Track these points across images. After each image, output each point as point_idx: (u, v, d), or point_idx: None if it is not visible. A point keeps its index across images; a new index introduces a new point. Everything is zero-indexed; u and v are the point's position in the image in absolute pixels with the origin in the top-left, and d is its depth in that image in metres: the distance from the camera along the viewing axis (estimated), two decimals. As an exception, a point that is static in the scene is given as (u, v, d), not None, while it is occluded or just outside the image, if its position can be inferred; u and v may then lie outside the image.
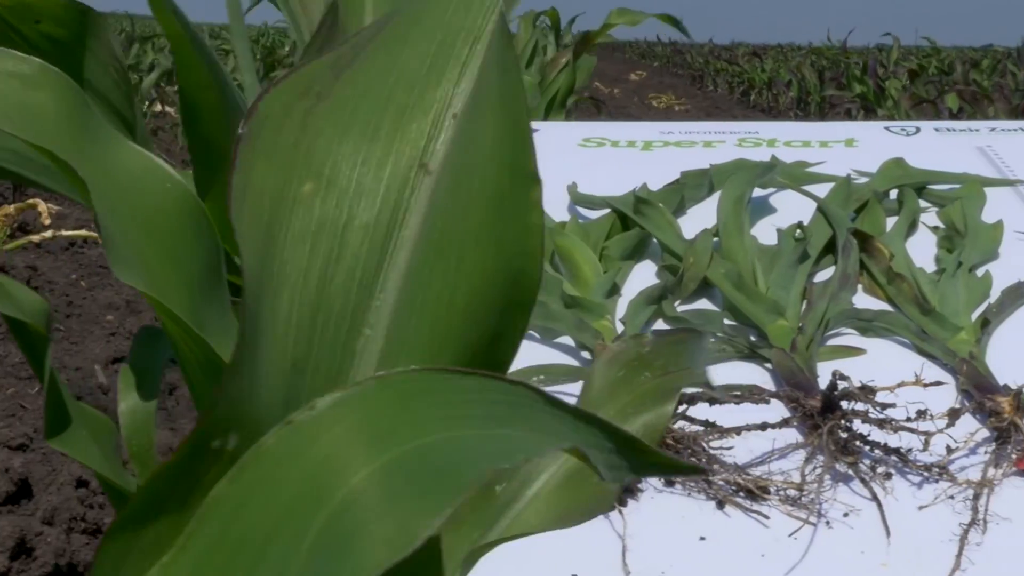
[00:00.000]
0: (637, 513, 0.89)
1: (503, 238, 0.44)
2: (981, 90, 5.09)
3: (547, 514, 0.50)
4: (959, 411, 0.94)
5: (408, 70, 0.44)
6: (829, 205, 1.31)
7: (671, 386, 0.51)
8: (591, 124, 1.96)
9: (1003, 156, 1.58)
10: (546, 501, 0.50)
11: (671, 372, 0.53)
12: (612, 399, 0.51)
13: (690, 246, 1.21)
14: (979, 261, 1.26)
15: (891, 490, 0.91)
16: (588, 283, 1.18)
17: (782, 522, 0.88)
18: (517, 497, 0.51)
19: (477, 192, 0.44)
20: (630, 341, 0.53)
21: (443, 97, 0.44)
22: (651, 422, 0.51)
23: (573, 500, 0.50)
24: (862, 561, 0.84)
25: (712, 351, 1.10)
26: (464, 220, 0.43)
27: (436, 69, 0.44)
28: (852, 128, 1.73)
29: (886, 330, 1.13)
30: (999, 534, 0.87)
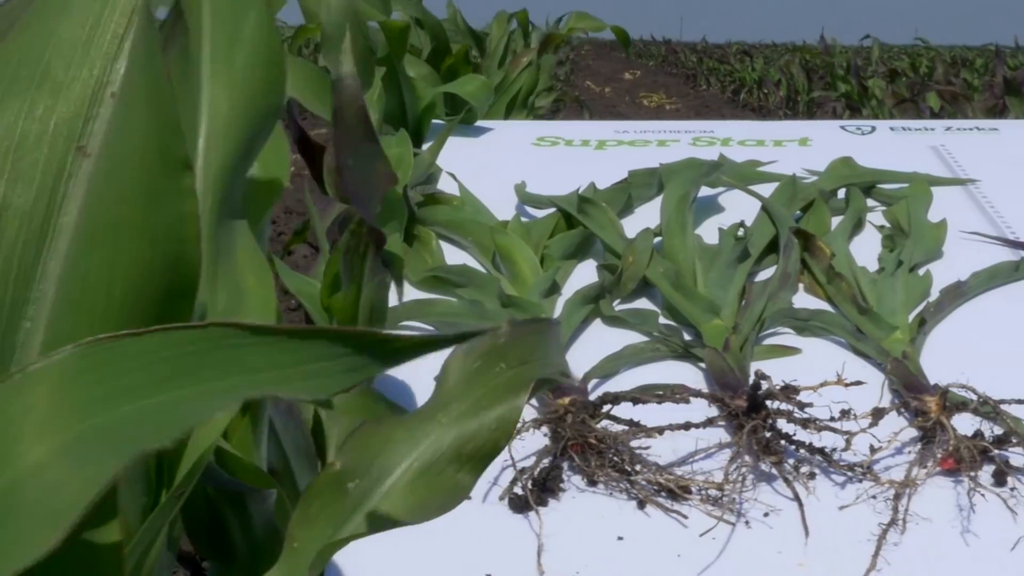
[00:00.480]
0: (557, 512, 0.89)
1: (157, 226, 0.43)
2: (972, 89, 5.09)
3: (401, 509, 0.50)
4: (883, 411, 0.93)
5: (65, 41, 0.42)
6: (773, 204, 1.30)
7: (525, 378, 0.50)
8: (546, 123, 1.96)
9: (956, 156, 1.58)
10: (400, 496, 0.50)
11: (527, 363, 0.52)
12: (467, 392, 0.51)
13: (629, 245, 1.21)
14: (922, 260, 1.26)
15: (813, 490, 0.91)
16: (526, 282, 1.18)
17: (702, 522, 0.88)
18: (370, 494, 0.50)
19: (131, 179, 0.42)
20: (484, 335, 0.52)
21: (101, 73, 0.43)
22: (504, 415, 0.51)
23: (427, 494, 0.50)
24: (779, 561, 0.84)
25: (646, 351, 1.09)
26: (119, 207, 0.42)
27: (95, 42, 0.43)
28: (807, 127, 1.73)
29: (822, 329, 1.13)
30: (918, 534, 0.87)
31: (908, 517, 0.88)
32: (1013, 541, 0.85)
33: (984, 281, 1.22)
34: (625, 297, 1.20)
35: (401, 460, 0.51)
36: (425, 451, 0.51)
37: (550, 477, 0.91)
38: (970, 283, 1.21)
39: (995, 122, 1.75)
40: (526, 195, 1.42)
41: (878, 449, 0.92)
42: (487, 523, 0.88)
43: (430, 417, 0.52)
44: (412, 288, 1.22)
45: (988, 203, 1.44)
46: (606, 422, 0.95)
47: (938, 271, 1.25)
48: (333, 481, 0.50)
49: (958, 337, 1.14)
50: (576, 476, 0.93)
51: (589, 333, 1.15)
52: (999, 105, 3.67)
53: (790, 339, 1.13)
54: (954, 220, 1.38)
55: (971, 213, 1.41)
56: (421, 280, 1.21)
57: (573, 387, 1.02)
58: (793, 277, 1.20)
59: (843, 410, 0.94)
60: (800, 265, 1.24)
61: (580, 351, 1.11)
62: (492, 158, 1.63)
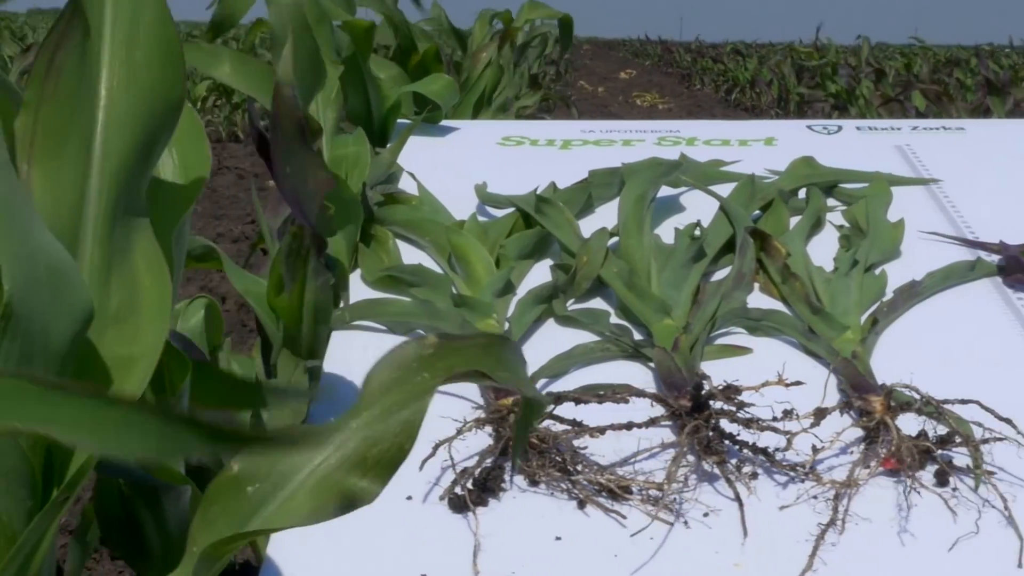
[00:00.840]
0: (497, 512, 0.89)
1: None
2: (965, 88, 5.09)
3: (300, 512, 0.50)
4: (825, 411, 0.93)
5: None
6: (731, 204, 1.30)
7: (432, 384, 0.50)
8: (512, 123, 1.96)
9: (920, 155, 1.58)
10: (300, 500, 0.50)
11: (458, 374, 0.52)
12: (382, 399, 0.51)
13: (584, 245, 1.20)
14: (879, 260, 1.26)
15: (755, 490, 0.91)
16: (480, 282, 1.18)
17: (642, 522, 0.87)
18: (270, 497, 0.50)
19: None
20: (411, 343, 0.52)
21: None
22: (408, 418, 0.50)
23: (328, 498, 0.50)
24: (715, 561, 0.84)
25: (596, 351, 1.09)
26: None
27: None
28: (774, 127, 1.73)
29: (775, 329, 1.13)
30: (857, 534, 0.86)
31: (848, 517, 0.88)
32: (952, 542, 0.85)
33: (939, 281, 1.22)
34: (580, 297, 1.20)
35: (304, 465, 0.51)
36: (330, 456, 0.51)
37: (491, 477, 0.91)
38: (925, 283, 1.20)
39: (962, 122, 1.75)
40: (486, 195, 1.42)
41: (820, 449, 0.92)
42: (426, 523, 0.88)
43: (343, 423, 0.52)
44: (367, 287, 1.22)
45: (950, 203, 1.44)
46: (549, 422, 0.95)
47: (896, 271, 1.25)
48: (231, 484, 0.50)
49: (911, 337, 1.14)
50: (519, 476, 0.93)
51: (542, 333, 1.15)
52: (983, 105, 3.68)
53: (742, 339, 1.13)
54: (915, 220, 1.38)
55: (932, 213, 1.41)
56: (376, 280, 1.21)
57: (519, 387, 1.01)
58: (748, 277, 1.20)
59: (785, 410, 0.94)
60: (757, 265, 1.23)
61: (532, 351, 1.10)
62: (456, 158, 1.62)
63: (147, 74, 0.55)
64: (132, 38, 0.56)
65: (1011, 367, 1.10)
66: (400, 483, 0.91)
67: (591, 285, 1.21)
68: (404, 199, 1.37)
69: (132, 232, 0.52)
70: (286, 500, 0.50)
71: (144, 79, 0.55)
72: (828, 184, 1.44)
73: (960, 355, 1.12)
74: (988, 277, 1.25)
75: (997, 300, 1.21)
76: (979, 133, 1.72)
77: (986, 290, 1.23)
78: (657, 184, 1.34)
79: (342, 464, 0.50)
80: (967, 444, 0.92)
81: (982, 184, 1.50)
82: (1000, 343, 1.14)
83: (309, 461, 0.50)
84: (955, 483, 0.92)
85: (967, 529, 0.86)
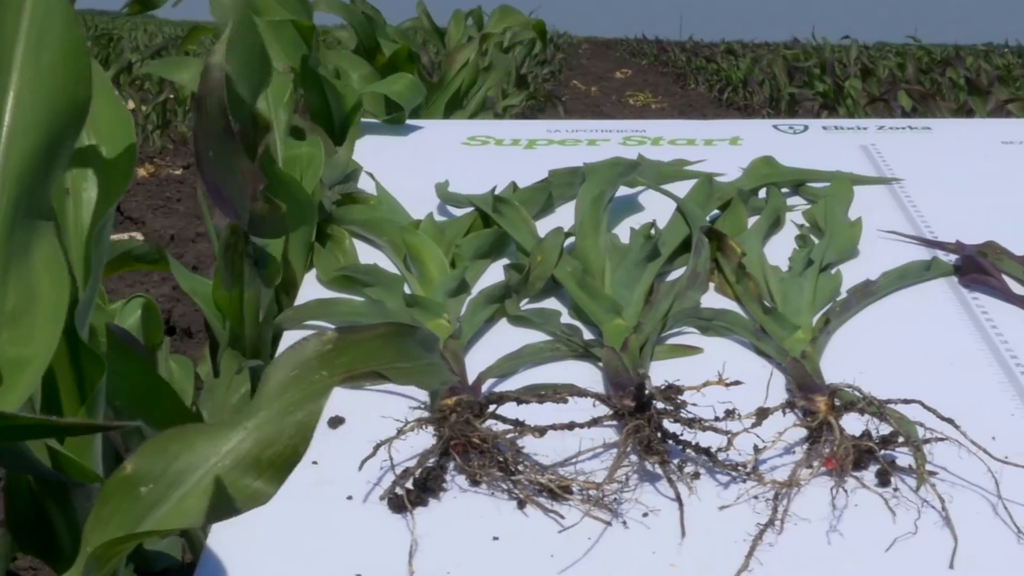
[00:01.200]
0: (436, 512, 0.89)
1: None
2: (958, 88, 5.10)
3: (195, 511, 0.50)
4: (767, 411, 0.93)
5: None
6: (687, 204, 1.30)
7: (330, 384, 0.50)
8: (479, 123, 1.96)
9: (884, 155, 1.58)
10: (194, 501, 0.50)
11: (356, 370, 0.52)
12: (278, 399, 0.51)
13: (539, 245, 1.20)
14: (835, 260, 1.26)
15: (696, 490, 0.90)
16: (433, 282, 1.18)
17: (583, 523, 0.87)
18: (164, 498, 0.50)
19: None
20: (311, 339, 0.52)
21: None
22: (303, 420, 0.50)
23: (222, 499, 0.50)
24: (651, 561, 0.84)
25: (545, 350, 1.09)
26: None
27: None
28: (740, 126, 1.73)
29: (726, 329, 1.13)
30: (796, 535, 0.86)
31: (787, 517, 0.87)
32: (889, 542, 0.85)
33: (894, 280, 1.22)
34: (535, 297, 1.20)
35: (199, 465, 0.51)
36: (225, 457, 0.51)
37: (431, 477, 0.91)
38: (880, 282, 1.20)
39: (929, 121, 1.75)
40: (447, 194, 1.41)
41: (762, 449, 0.92)
42: (365, 523, 0.88)
43: (237, 424, 0.52)
44: (323, 288, 1.22)
45: (911, 202, 1.44)
46: (491, 422, 0.95)
47: (853, 270, 1.25)
48: (124, 485, 0.50)
49: (863, 337, 1.14)
50: (460, 476, 0.93)
51: (494, 333, 1.15)
52: (966, 105, 3.68)
53: (694, 339, 1.13)
54: (875, 219, 1.38)
55: (892, 212, 1.41)
56: (330, 280, 1.21)
57: (466, 387, 1.01)
58: (702, 277, 1.19)
59: (727, 410, 0.94)
60: (713, 264, 1.23)
61: (483, 350, 1.11)
62: (420, 157, 1.62)
63: (52, 77, 0.55)
64: (40, 41, 0.56)
65: (963, 367, 1.09)
66: (341, 483, 0.92)
67: (547, 285, 1.20)
68: (362, 199, 1.37)
69: (33, 234, 0.52)
70: (180, 501, 0.50)
71: (49, 82, 0.55)
72: (789, 184, 1.44)
73: (912, 355, 1.12)
74: (944, 277, 1.25)
75: (952, 300, 1.21)
76: (945, 133, 1.72)
77: (941, 290, 1.23)
78: (615, 184, 1.34)
79: (236, 465, 0.50)
80: (908, 444, 0.92)
81: (944, 184, 1.50)
82: (953, 343, 1.14)
83: (204, 461, 0.50)
84: (897, 483, 0.92)
85: (905, 529, 0.86)
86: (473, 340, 1.13)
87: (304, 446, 0.50)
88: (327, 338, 0.50)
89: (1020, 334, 1.14)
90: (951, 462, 0.93)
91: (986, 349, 1.11)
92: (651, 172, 1.43)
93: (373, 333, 0.52)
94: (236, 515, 0.50)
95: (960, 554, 0.84)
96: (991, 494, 0.89)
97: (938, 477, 0.92)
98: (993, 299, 1.20)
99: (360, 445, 0.93)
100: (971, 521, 0.87)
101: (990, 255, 1.25)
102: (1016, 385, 1.05)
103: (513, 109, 5.16)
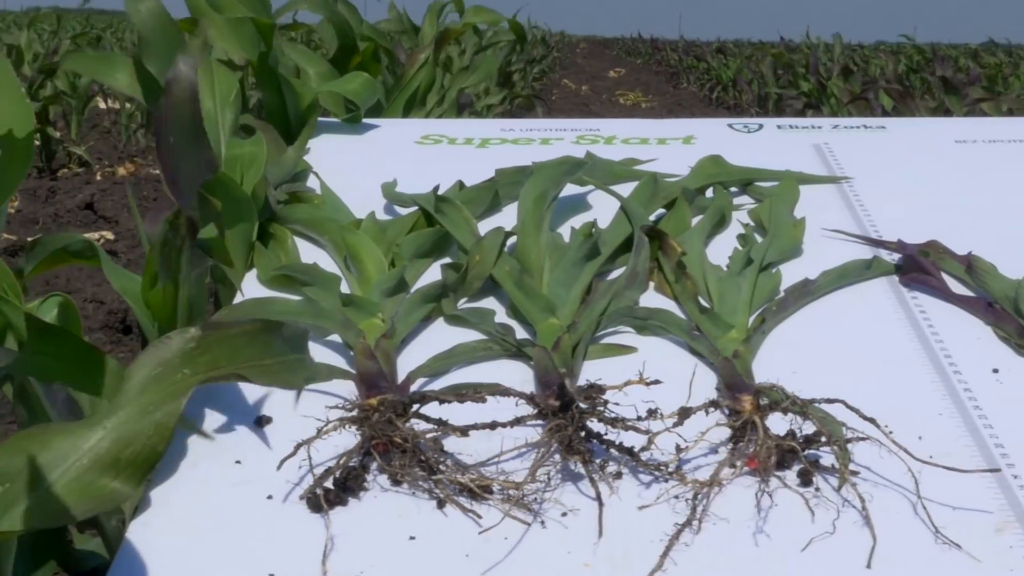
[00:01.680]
0: (355, 512, 0.88)
1: None
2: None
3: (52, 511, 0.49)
4: (689, 410, 0.93)
5: None
6: (630, 203, 1.30)
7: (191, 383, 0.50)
8: (433, 122, 1.95)
9: (837, 154, 1.58)
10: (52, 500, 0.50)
11: (220, 368, 0.52)
12: (139, 397, 0.50)
13: (477, 244, 1.20)
14: (777, 259, 1.26)
15: (617, 490, 0.90)
16: (371, 281, 1.17)
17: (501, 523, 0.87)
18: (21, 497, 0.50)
19: None
20: (174, 336, 0.52)
21: None
22: (162, 420, 0.50)
23: (80, 498, 0.50)
24: (566, 561, 0.84)
25: (478, 349, 1.09)
26: None
27: None
28: (695, 125, 1.73)
29: (661, 328, 1.13)
30: (713, 534, 0.86)
31: (706, 517, 0.87)
32: (807, 541, 0.85)
33: (834, 280, 1.22)
34: (475, 296, 1.20)
35: (58, 464, 0.51)
36: (83, 456, 0.51)
37: (351, 477, 0.91)
38: (819, 282, 1.20)
39: (884, 120, 1.75)
40: (393, 194, 1.41)
41: (684, 449, 0.92)
42: (283, 523, 0.87)
43: (97, 423, 0.51)
44: (263, 287, 1.22)
45: (859, 201, 1.43)
46: (414, 421, 0.94)
47: (797, 269, 1.25)
48: (-19, 484, 0.50)
49: (800, 336, 1.14)
50: (382, 476, 0.92)
51: (431, 332, 1.15)
52: (943, 104, 3.68)
53: (630, 338, 1.13)
54: (822, 218, 1.37)
55: (839, 212, 1.41)
56: (269, 279, 1.20)
57: (393, 386, 1.01)
58: (642, 276, 1.19)
59: (650, 409, 0.94)
60: (654, 264, 1.23)
61: (419, 350, 1.10)
62: (373, 156, 1.62)
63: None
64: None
65: (896, 366, 1.09)
66: (263, 482, 0.92)
67: (488, 285, 1.20)
68: (307, 198, 1.37)
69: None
70: (37, 500, 0.49)
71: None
72: (737, 183, 1.44)
73: (847, 354, 1.12)
74: (885, 276, 1.25)
75: (891, 299, 1.21)
76: (900, 131, 1.72)
77: (882, 289, 1.23)
78: (560, 183, 1.34)
79: (94, 465, 0.49)
80: (830, 444, 0.92)
81: (894, 183, 1.50)
82: (889, 342, 1.14)
83: (62, 460, 0.50)
84: (819, 483, 0.92)
85: (824, 529, 0.86)
86: (409, 340, 1.13)
87: (163, 446, 0.50)
88: (190, 336, 0.50)
89: (956, 334, 1.14)
90: (874, 462, 0.93)
91: (920, 349, 1.11)
92: (601, 171, 1.43)
93: (238, 330, 0.52)
94: (93, 515, 0.50)
95: (878, 553, 0.84)
96: (912, 493, 0.89)
97: (860, 477, 0.92)
98: (932, 299, 1.20)
99: (285, 445, 0.92)
100: (891, 520, 0.87)
101: (932, 254, 1.25)
102: (948, 385, 1.05)
103: (495, 108, 5.17)
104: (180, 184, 0.90)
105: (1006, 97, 3.82)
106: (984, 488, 0.91)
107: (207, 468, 0.93)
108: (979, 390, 1.04)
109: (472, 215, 1.33)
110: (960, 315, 1.18)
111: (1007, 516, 0.88)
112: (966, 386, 1.05)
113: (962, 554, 0.84)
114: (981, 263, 1.21)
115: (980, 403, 1.02)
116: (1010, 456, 0.95)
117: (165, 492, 0.90)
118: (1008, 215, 1.42)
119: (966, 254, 1.24)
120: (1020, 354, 1.10)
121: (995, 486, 0.92)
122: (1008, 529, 0.87)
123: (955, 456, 0.94)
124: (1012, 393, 1.04)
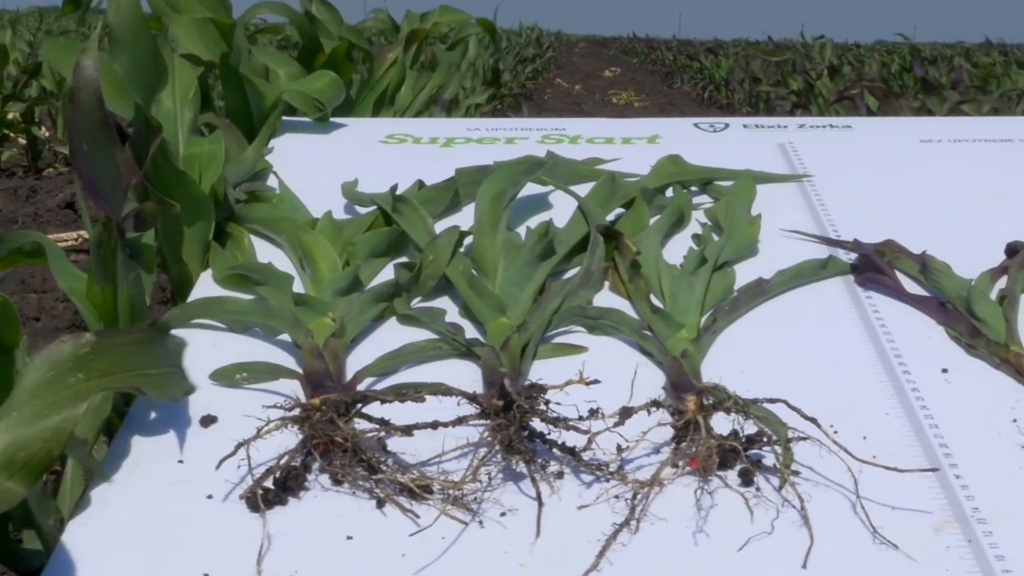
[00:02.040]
0: (294, 512, 0.88)
1: None
2: (940, 85, 5.11)
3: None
4: (631, 410, 0.93)
5: None
6: (587, 202, 1.30)
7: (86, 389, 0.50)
8: (399, 121, 1.95)
9: (800, 153, 1.58)
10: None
11: (112, 374, 0.51)
12: (33, 400, 0.50)
13: (431, 243, 1.20)
14: (733, 258, 1.26)
15: (558, 489, 0.90)
16: (324, 281, 1.17)
17: (440, 522, 0.87)
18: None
19: None
20: (68, 341, 0.52)
21: None
22: (60, 425, 0.50)
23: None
24: (502, 561, 0.84)
25: (427, 349, 1.09)
26: None
27: None
28: (660, 125, 1.73)
29: (612, 328, 1.13)
30: (651, 534, 0.86)
31: (645, 517, 0.87)
32: (743, 542, 0.85)
33: (788, 279, 1.22)
34: (429, 296, 1.20)
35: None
36: (-14, 452, 0.50)
37: (291, 476, 0.90)
38: (773, 281, 1.20)
39: (850, 120, 1.75)
40: (353, 193, 1.41)
41: (625, 449, 0.92)
42: (221, 523, 0.87)
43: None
44: (218, 287, 1.22)
45: (819, 201, 1.44)
46: (356, 420, 0.94)
47: (752, 269, 1.25)
48: None
49: (752, 335, 1.14)
50: (323, 476, 0.92)
51: (383, 332, 1.14)
52: (925, 104, 3.69)
53: (582, 338, 1.13)
54: (781, 217, 1.37)
55: (799, 211, 1.41)
56: (224, 278, 1.20)
57: (339, 385, 1.01)
58: (596, 275, 1.19)
59: (591, 409, 0.94)
60: (610, 263, 1.23)
61: (370, 349, 1.10)
62: (337, 156, 1.62)
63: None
64: None
65: (846, 366, 1.09)
66: (203, 482, 0.91)
67: (442, 284, 1.20)
68: (266, 197, 1.36)
69: None
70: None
71: None
72: (697, 182, 1.44)
73: (797, 353, 1.12)
74: (841, 276, 1.25)
75: (845, 298, 1.21)
76: (864, 132, 1.72)
77: (837, 289, 1.23)
78: (519, 182, 1.34)
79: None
80: (771, 444, 0.92)
81: (855, 182, 1.50)
82: (840, 341, 1.14)
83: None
84: (760, 483, 0.92)
85: (762, 529, 0.86)
86: (361, 339, 1.13)
87: (59, 449, 0.50)
88: (84, 340, 0.50)
89: (907, 333, 1.14)
90: (816, 462, 0.93)
91: (871, 348, 1.11)
92: (563, 171, 1.43)
93: (129, 338, 0.52)
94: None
95: (815, 553, 0.84)
96: (852, 493, 0.89)
97: (802, 477, 0.92)
98: (886, 298, 1.20)
99: (229, 445, 0.92)
100: (829, 520, 0.87)
101: (887, 254, 1.25)
102: (895, 384, 1.05)
103: (482, 108, 5.17)
104: (100, 189, 0.90)
105: (989, 98, 3.82)
106: (925, 488, 0.91)
107: (149, 468, 0.93)
108: (927, 390, 1.04)
109: (431, 214, 1.33)
110: (913, 315, 1.18)
111: (946, 516, 0.88)
112: (914, 386, 1.05)
113: (899, 554, 0.84)
114: (935, 263, 1.21)
115: (927, 403, 1.02)
116: (954, 456, 0.95)
117: (106, 492, 0.89)
118: (967, 214, 1.42)
119: (921, 253, 1.24)
120: (970, 354, 1.10)
121: (936, 486, 0.92)
122: (946, 529, 0.87)
123: (899, 456, 0.94)
124: (959, 393, 1.04)
